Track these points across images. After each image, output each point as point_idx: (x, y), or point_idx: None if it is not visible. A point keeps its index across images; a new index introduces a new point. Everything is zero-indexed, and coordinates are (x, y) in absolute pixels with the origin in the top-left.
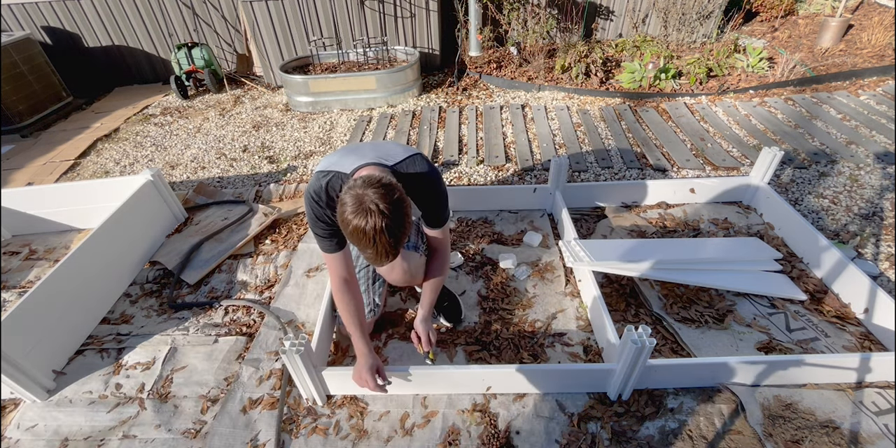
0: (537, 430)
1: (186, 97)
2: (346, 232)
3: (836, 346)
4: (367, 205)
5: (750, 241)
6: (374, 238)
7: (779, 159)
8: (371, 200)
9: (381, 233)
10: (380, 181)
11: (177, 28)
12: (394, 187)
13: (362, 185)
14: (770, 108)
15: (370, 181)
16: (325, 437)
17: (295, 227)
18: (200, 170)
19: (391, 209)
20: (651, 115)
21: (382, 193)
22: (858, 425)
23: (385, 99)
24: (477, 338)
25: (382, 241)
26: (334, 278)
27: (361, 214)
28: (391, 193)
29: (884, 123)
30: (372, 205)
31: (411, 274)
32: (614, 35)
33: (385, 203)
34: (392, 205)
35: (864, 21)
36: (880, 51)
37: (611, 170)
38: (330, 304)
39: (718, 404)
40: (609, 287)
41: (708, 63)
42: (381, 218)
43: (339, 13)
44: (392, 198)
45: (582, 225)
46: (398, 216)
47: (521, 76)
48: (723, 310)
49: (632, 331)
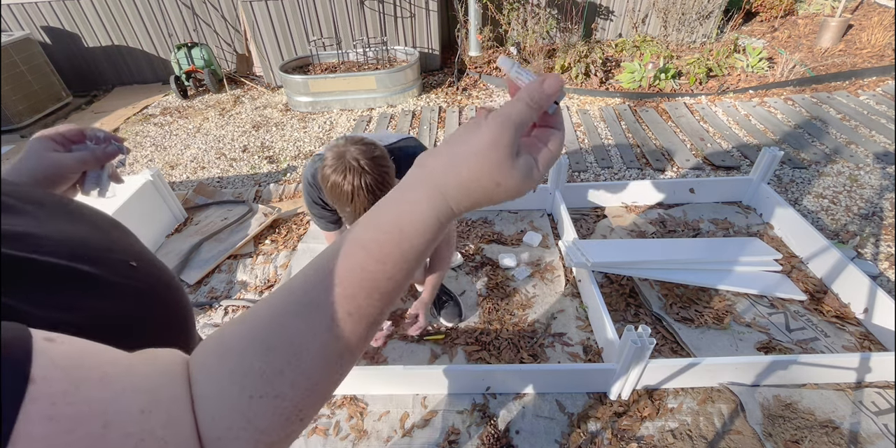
0: (537, 430)
1: (186, 97)
2: (325, 189)
3: (835, 346)
4: (347, 160)
5: (750, 241)
6: (353, 194)
7: (779, 159)
8: (352, 156)
9: (360, 189)
10: (362, 140)
11: (177, 28)
12: (376, 146)
13: (344, 142)
14: (770, 108)
15: (353, 139)
16: (324, 437)
17: (295, 227)
18: (200, 170)
19: (371, 166)
20: (651, 115)
21: (363, 149)
22: (858, 425)
23: (385, 99)
24: (477, 338)
25: (361, 197)
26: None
27: (341, 169)
28: (372, 150)
29: (883, 123)
30: (352, 160)
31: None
32: (614, 35)
33: (366, 159)
34: (372, 161)
35: (864, 21)
36: (880, 51)
37: (611, 170)
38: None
39: (718, 404)
40: (609, 287)
41: (708, 63)
42: (360, 174)
43: (338, 13)
44: (373, 154)
45: (582, 225)
46: (378, 173)
47: None
48: (723, 310)
49: (632, 331)
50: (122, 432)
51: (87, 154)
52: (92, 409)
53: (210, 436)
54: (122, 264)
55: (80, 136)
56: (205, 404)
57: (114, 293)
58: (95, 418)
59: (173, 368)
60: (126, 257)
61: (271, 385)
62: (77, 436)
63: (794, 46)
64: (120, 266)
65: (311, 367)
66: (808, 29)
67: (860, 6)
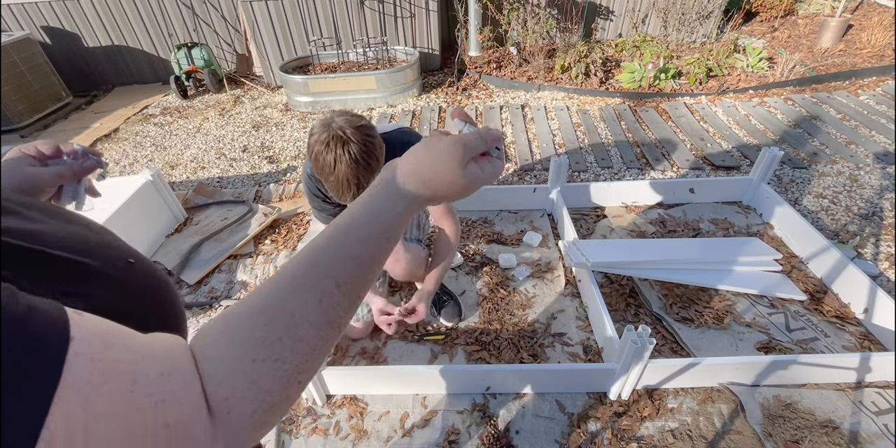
0: (537, 430)
1: (186, 97)
2: (311, 160)
3: (835, 346)
4: (332, 129)
5: (750, 241)
6: (335, 161)
7: (779, 159)
8: (338, 126)
9: (343, 156)
10: (350, 112)
11: (177, 28)
12: (362, 117)
13: (332, 115)
14: (770, 108)
15: (342, 111)
16: (324, 437)
17: (295, 227)
18: (200, 170)
19: (356, 134)
20: (651, 115)
21: (349, 119)
22: (858, 425)
23: (385, 99)
24: (477, 338)
25: (343, 164)
26: None
27: (325, 137)
28: (358, 120)
29: (883, 123)
30: (338, 129)
31: (414, 266)
32: (614, 35)
33: (351, 128)
34: (357, 130)
35: (864, 21)
36: (880, 51)
37: (611, 170)
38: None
39: (718, 404)
40: (609, 287)
41: (708, 63)
42: (344, 142)
43: (338, 13)
44: (358, 124)
45: (582, 225)
46: (363, 142)
47: (520, 76)
48: (723, 310)
49: (632, 331)
50: (146, 392)
51: (64, 168)
52: (122, 368)
53: (217, 397)
54: (121, 261)
55: (57, 151)
56: (211, 369)
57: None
58: (126, 376)
59: (180, 342)
60: (123, 255)
61: (272, 350)
62: (110, 389)
63: (794, 46)
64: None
65: (307, 334)
66: (808, 29)
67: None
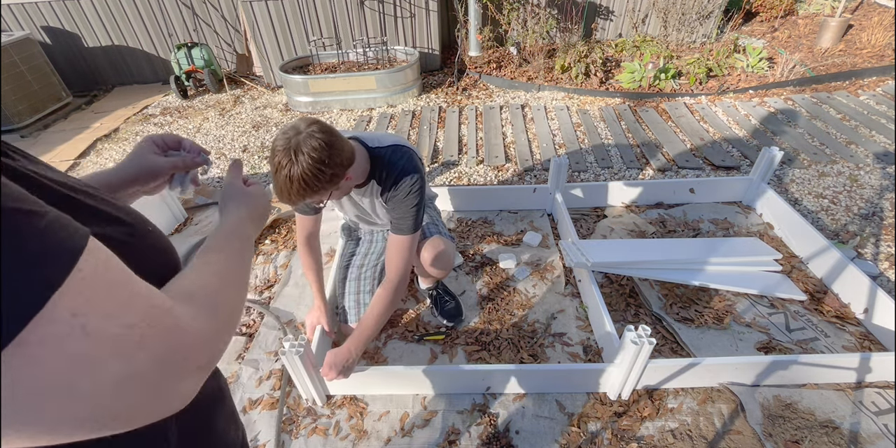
0: (537, 430)
1: (186, 97)
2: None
3: (835, 347)
4: (294, 141)
5: (750, 241)
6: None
7: (779, 159)
8: (301, 140)
9: (283, 170)
10: (328, 131)
11: (177, 28)
12: (328, 124)
13: (310, 124)
14: (770, 108)
15: (321, 127)
16: (324, 437)
17: (294, 226)
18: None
19: (308, 163)
20: (651, 115)
21: (312, 121)
22: (858, 425)
23: (385, 99)
24: (477, 338)
25: (280, 178)
26: (301, 234)
27: (282, 144)
28: (320, 124)
29: (883, 123)
30: (295, 146)
31: (448, 256)
32: (614, 35)
33: (310, 129)
34: (314, 127)
35: (864, 21)
36: (880, 51)
37: (611, 170)
38: (331, 304)
39: (718, 404)
40: (609, 287)
41: (708, 63)
42: (292, 163)
43: (338, 13)
44: (321, 126)
45: (582, 225)
46: (310, 172)
47: (520, 76)
48: (723, 310)
49: (632, 331)
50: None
51: (178, 160)
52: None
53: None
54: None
55: (178, 144)
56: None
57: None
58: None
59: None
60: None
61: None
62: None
63: (794, 46)
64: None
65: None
66: (808, 29)
67: (860, 6)
